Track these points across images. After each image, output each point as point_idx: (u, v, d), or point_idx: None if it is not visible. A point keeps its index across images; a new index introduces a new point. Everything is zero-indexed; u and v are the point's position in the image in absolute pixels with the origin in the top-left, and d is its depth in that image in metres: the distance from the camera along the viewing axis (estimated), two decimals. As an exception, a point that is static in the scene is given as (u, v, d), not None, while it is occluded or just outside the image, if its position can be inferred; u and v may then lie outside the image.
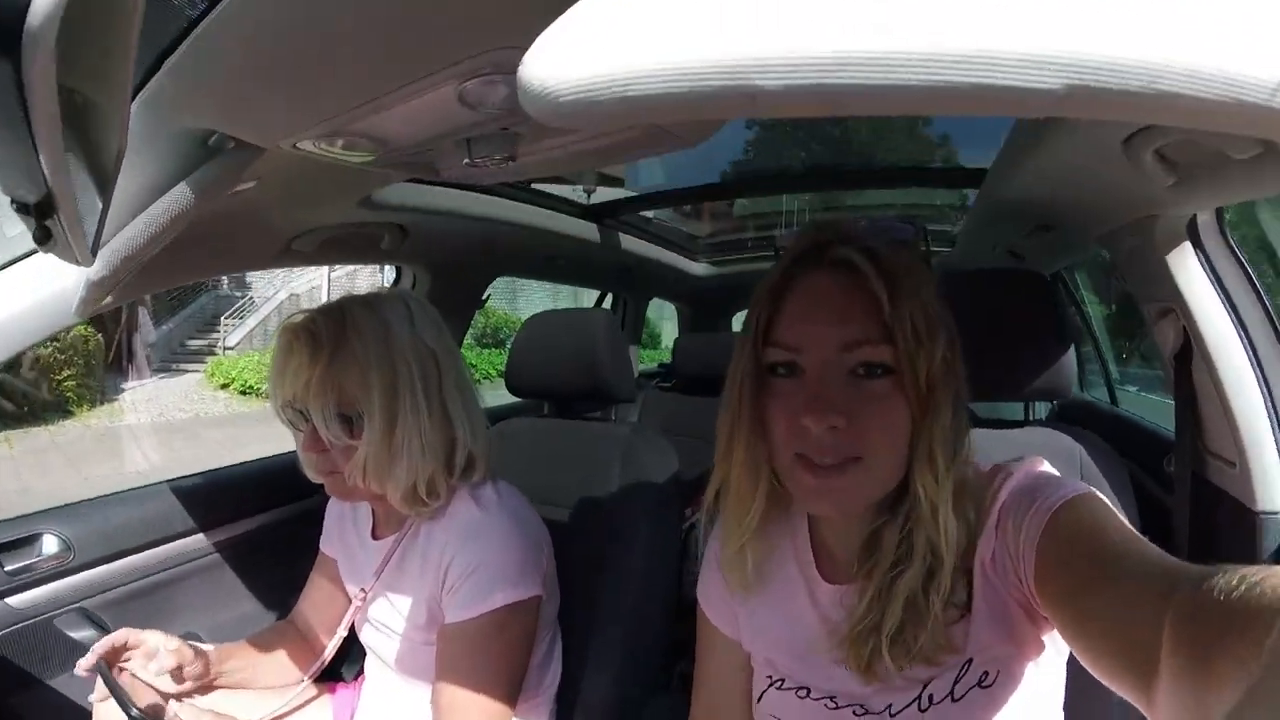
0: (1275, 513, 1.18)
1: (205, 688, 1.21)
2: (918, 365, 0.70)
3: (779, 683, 0.88)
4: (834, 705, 0.83)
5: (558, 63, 0.26)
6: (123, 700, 0.99)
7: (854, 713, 0.81)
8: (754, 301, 0.78)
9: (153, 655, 1.10)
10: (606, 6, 0.25)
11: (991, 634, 0.74)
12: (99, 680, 1.06)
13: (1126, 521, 0.67)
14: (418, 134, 0.80)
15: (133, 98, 0.75)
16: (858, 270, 0.71)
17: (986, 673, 0.75)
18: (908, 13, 0.22)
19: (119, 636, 1.08)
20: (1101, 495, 0.71)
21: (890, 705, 0.78)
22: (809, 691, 0.85)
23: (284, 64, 0.65)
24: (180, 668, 1.12)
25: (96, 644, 1.07)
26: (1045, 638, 0.75)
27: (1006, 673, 0.75)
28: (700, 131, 0.83)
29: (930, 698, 0.76)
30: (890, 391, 0.72)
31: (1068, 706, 0.83)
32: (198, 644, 1.19)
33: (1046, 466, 0.79)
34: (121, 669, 1.09)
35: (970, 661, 0.75)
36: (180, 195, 0.84)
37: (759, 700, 0.90)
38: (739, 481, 0.81)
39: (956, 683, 0.75)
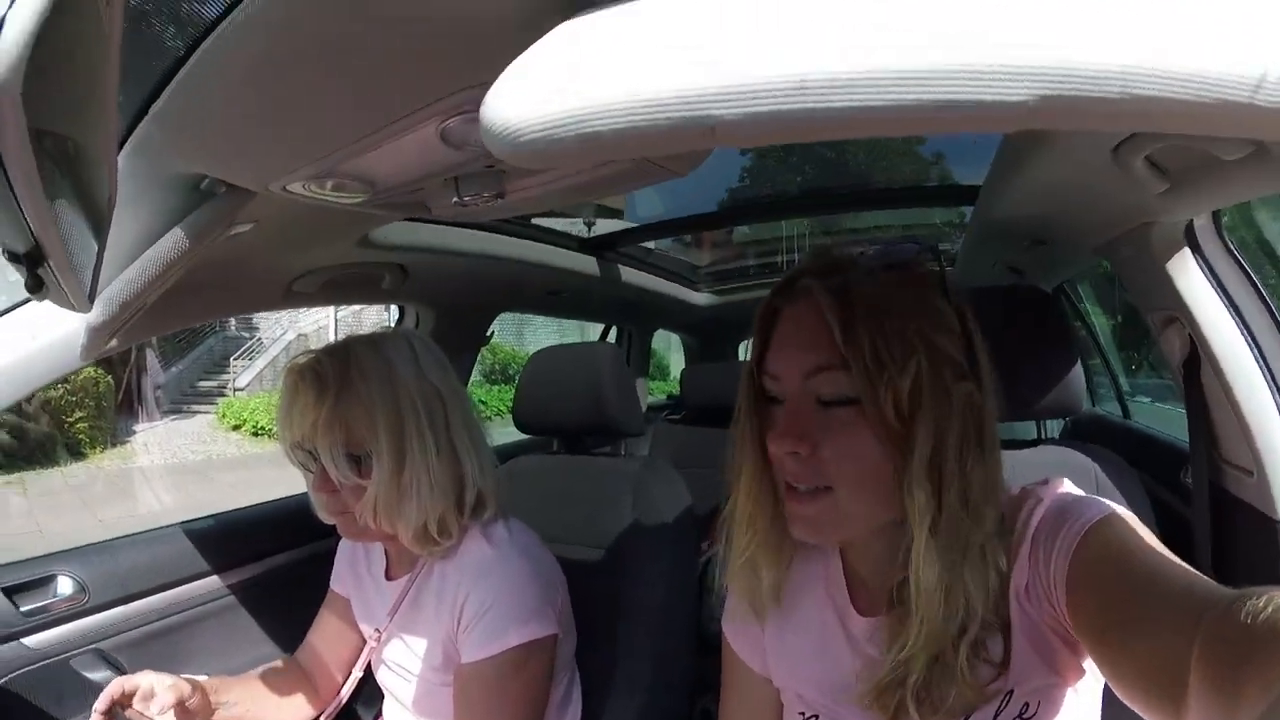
0: (1297, 520, 1.15)
1: None
2: (879, 394, 0.68)
3: (812, 718, 0.86)
4: None
5: (517, 101, 0.25)
6: None
7: None
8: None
9: (149, 696, 1.09)
10: (563, 45, 0.25)
11: (1031, 665, 0.72)
12: None
13: (1155, 539, 0.66)
14: (405, 174, 0.81)
15: (122, 144, 0.76)
16: (816, 299, 0.71)
17: (1028, 704, 0.73)
18: (865, 33, 0.22)
19: (114, 689, 1.07)
20: (1129, 514, 0.70)
21: None
22: None
23: (266, 107, 0.66)
24: (181, 703, 1.11)
25: (96, 703, 1.06)
26: (1085, 663, 0.73)
27: (1048, 701, 0.74)
28: (689, 160, 0.83)
29: None
30: (855, 420, 0.71)
31: None
32: (193, 677, 1.17)
33: (1072, 487, 0.78)
34: (126, 707, 1.08)
35: (1011, 693, 0.73)
36: (176, 239, 0.85)
37: None
38: (742, 506, 0.82)
39: (998, 715, 0.73)
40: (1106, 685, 0.73)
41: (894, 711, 0.73)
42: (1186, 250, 1.20)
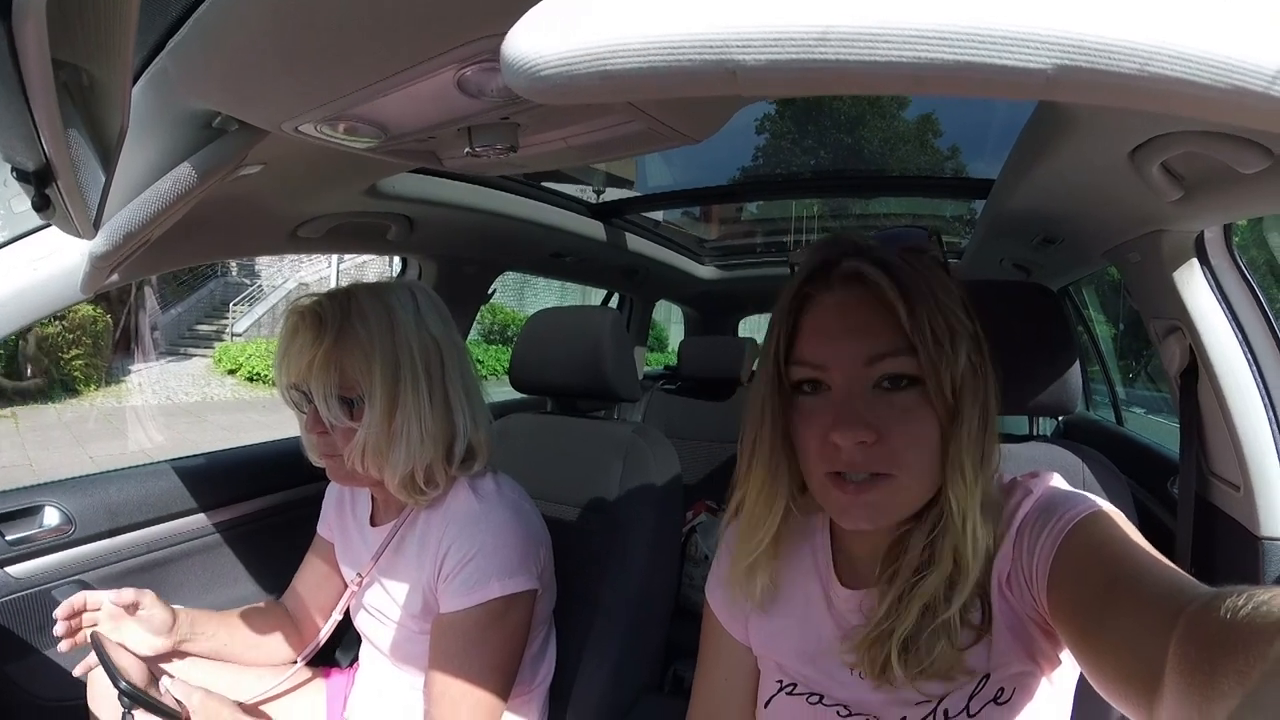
0: (1278, 538, 1.16)
1: (180, 654, 1.21)
2: (941, 373, 0.69)
3: (790, 688, 0.87)
4: (846, 713, 0.82)
5: (539, 36, 0.25)
6: (112, 673, 1.00)
7: None
8: (771, 324, 0.78)
9: (116, 615, 1.10)
10: None
11: (1010, 651, 0.73)
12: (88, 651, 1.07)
13: (1141, 537, 0.66)
14: (419, 121, 0.80)
15: (137, 77, 0.76)
16: (871, 282, 0.71)
17: (1003, 689, 0.74)
18: (892, -12, 0.22)
19: (76, 600, 1.08)
20: (1116, 511, 0.70)
21: (904, 718, 0.77)
22: (821, 698, 0.84)
23: (284, 46, 0.65)
24: (134, 605, 1.12)
25: (57, 610, 1.07)
26: (1062, 654, 0.74)
27: (1023, 689, 0.74)
28: (704, 126, 0.82)
29: (945, 712, 0.75)
30: (918, 403, 0.71)
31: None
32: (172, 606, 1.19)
33: (1062, 482, 0.78)
34: (101, 632, 1.09)
35: (987, 677, 0.74)
36: (184, 174, 0.84)
37: (766, 705, 0.89)
38: (754, 504, 0.82)
39: (972, 698, 0.74)
40: (1081, 677, 0.74)
41: (881, 666, 0.74)
42: (1195, 261, 1.20)
